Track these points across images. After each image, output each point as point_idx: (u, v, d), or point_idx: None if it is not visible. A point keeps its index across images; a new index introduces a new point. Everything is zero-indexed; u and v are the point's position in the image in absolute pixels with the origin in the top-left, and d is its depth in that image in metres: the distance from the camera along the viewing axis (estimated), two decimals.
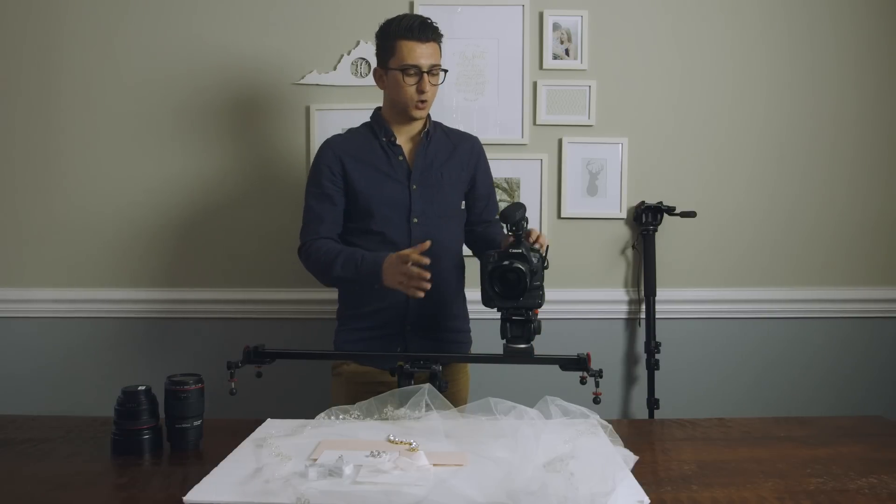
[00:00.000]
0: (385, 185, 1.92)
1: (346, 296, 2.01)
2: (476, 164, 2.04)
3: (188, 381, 1.45)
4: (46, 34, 2.47)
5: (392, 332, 1.92)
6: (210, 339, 2.49)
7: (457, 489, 1.13)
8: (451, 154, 2.00)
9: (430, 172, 1.95)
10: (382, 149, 1.95)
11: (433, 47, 1.89)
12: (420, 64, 1.87)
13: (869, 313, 2.58)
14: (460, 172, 2.00)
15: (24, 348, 2.52)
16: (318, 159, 1.97)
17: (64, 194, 2.51)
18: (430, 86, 1.89)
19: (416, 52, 1.86)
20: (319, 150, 1.99)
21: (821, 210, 2.57)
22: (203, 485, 1.20)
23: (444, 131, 2.05)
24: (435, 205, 1.94)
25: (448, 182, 1.97)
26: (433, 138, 1.99)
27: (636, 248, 2.55)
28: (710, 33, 2.52)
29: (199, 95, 2.49)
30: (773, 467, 1.35)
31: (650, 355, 2.49)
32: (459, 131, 2.09)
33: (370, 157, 1.94)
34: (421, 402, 1.47)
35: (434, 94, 1.93)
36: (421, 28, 1.88)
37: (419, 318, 1.92)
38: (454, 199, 2.00)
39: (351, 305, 1.98)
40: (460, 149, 2.02)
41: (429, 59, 1.88)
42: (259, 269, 2.52)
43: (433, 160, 1.97)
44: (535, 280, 1.59)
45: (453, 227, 2.01)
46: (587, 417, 1.44)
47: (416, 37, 1.87)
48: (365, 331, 1.94)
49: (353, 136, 2.01)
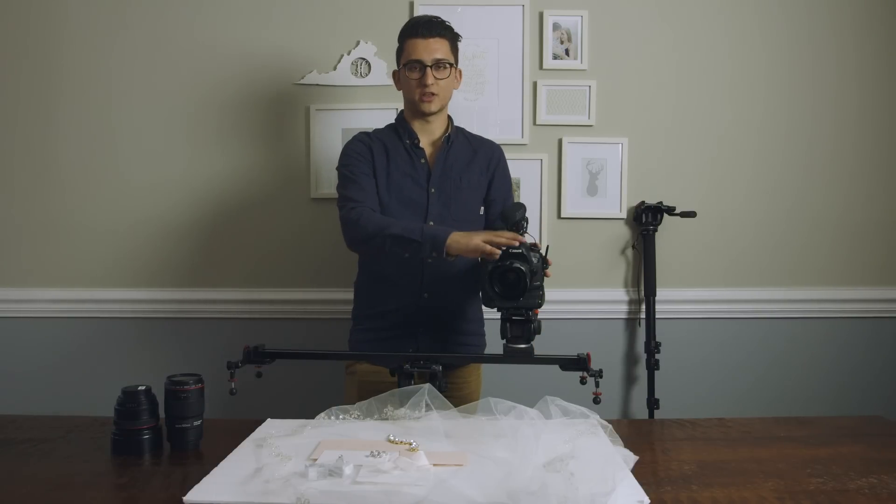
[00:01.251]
0: (405, 186, 1.94)
1: (361, 295, 2.03)
2: (495, 169, 2.04)
3: (188, 381, 1.45)
4: (47, 35, 2.47)
5: (404, 332, 1.93)
6: (210, 339, 2.49)
7: (457, 489, 1.13)
8: (472, 159, 2.01)
9: (450, 177, 1.97)
10: (406, 151, 1.98)
11: (438, 42, 1.92)
12: (422, 58, 1.90)
13: (869, 313, 2.58)
14: (479, 178, 2.01)
15: (24, 348, 2.52)
16: (350, 148, 1.98)
17: (64, 194, 2.51)
18: (433, 79, 1.90)
19: (419, 48, 1.90)
20: (349, 142, 2.00)
21: (821, 210, 2.57)
22: (203, 485, 1.20)
23: (467, 137, 2.06)
24: (452, 209, 1.95)
25: (467, 187, 1.98)
26: (454, 143, 2.01)
27: (636, 248, 2.55)
28: (710, 33, 2.52)
29: (198, 95, 2.49)
30: (773, 467, 1.35)
31: (650, 355, 2.49)
32: (481, 138, 2.10)
33: (395, 157, 1.97)
34: (421, 402, 1.47)
35: (445, 89, 1.95)
36: (425, 25, 1.92)
37: (432, 320, 1.94)
38: (472, 204, 2.01)
39: (365, 305, 2.01)
40: (480, 154, 2.03)
41: (431, 54, 1.90)
42: (259, 269, 2.52)
43: (453, 164, 1.98)
44: (535, 280, 1.59)
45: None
46: (587, 417, 1.44)
47: (419, 34, 1.91)
48: (378, 331, 1.96)
49: (379, 135, 2.02)
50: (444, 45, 1.93)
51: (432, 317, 1.94)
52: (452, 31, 1.98)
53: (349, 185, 1.92)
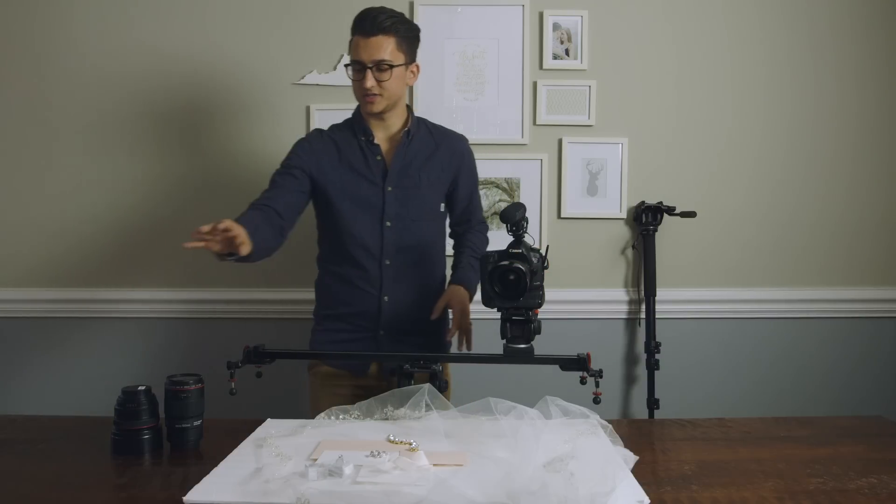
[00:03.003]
0: (360, 187, 1.87)
1: (321, 295, 1.98)
2: (459, 164, 1.96)
3: (188, 381, 1.45)
4: (48, 36, 2.48)
5: (365, 335, 1.90)
6: (210, 339, 2.49)
7: (457, 489, 1.13)
8: (433, 154, 1.92)
9: (408, 174, 1.89)
10: (360, 148, 1.89)
11: (380, 40, 1.78)
12: (361, 59, 1.79)
13: (869, 313, 2.58)
14: (440, 173, 1.93)
15: (24, 348, 2.52)
16: (294, 146, 1.92)
17: (64, 194, 2.51)
18: (373, 81, 1.79)
19: (359, 47, 1.80)
20: (297, 143, 1.93)
21: (821, 210, 2.57)
22: (203, 485, 1.20)
23: (429, 129, 1.97)
24: (410, 207, 1.88)
25: (426, 184, 1.90)
26: (415, 138, 1.92)
27: (636, 248, 2.55)
28: (710, 33, 2.52)
29: (199, 95, 2.49)
30: (773, 467, 1.35)
31: (650, 355, 2.49)
32: (445, 130, 2.00)
33: (348, 157, 1.89)
34: (421, 402, 1.47)
35: (391, 89, 1.82)
36: (369, 21, 1.79)
37: (393, 321, 1.89)
38: (432, 202, 1.93)
39: (325, 306, 1.96)
40: (443, 148, 1.94)
41: (371, 55, 1.78)
42: (259, 270, 2.51)
43: (412, 161, 1.90)
44: (535, 280, 1.59)
45: (431, 230, 1.95)
46: (587, 417, 1.44)
47: (361, 31, 1.79)
48: (339, 332, 1.91)
49: (334, 132, 1.94)
50: (389, 43, 1.79)
51: (392, 319, 1.88)
52: (404, 25, 1.82)
53: (270, 183, 1.86)
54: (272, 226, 1.77)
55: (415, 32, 1.89)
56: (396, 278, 1.88)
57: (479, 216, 2.08)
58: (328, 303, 1.95)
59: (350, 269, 1.89)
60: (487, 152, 2.48)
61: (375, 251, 1.87)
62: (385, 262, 1.87)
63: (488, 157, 2.48)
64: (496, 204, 2.52)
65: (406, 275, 1.90)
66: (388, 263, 1.87)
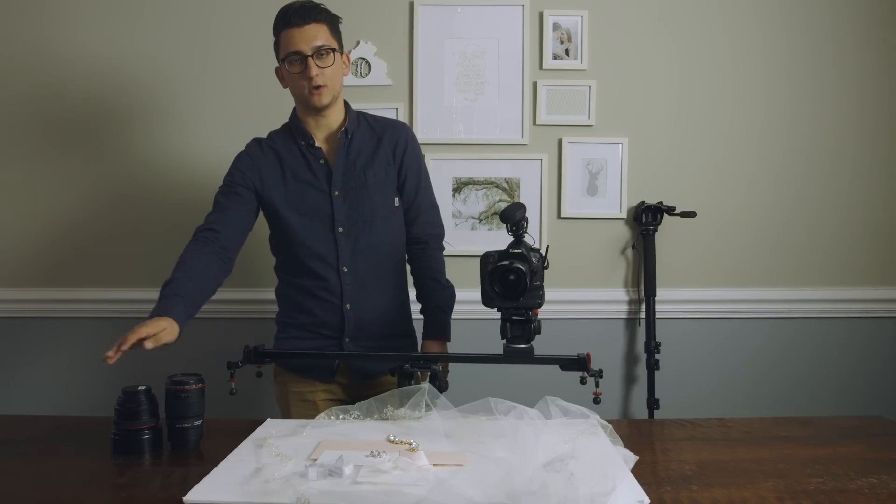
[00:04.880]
0: (306, 195, 1.81)
1: (283, 303, 1.92)
2: (402, 153, 1.87)
3: (188, 381, 1.45)
4: (47, 36, 2.48)
5: (330, 343, 1.84)
6: (210, 339, 2.49)
7: (457, 489, 1.13)
8: (376, 149, 1.85)
9: (353, 174, 1.82)
10: (302, 153, 1.83)
11: (316, 28, 1.74)
12: (300, 49, 1.73)
13: (869, 313, 2.58)
14: (387, 167, 1.85)
15: (24, 348, 2.52)
16: (234, 161, 1.86)
17: (65, 194, 2.51)
18: (317, 69, 1.74)
19: (295, 38, 1.74)
20: (237, 157, 1.86)
21: (821, 210, 2.57)
22: (203, 485, 1.20)
23: (369, 122, 1.89)
24: (360, 209, 1.81)
25: (374, 182, 1.83)
26: (355, 135, 1.85)
27: (636, 248, 2.55)
28: (710, 33, 2.52)
29: (199, 95, 2.49)
30: (773, 467, 1.35)
31: (650, 355, 2.49)
32: (386, 119, 1.92)
33: (290, 165, 1.83)
34: (421, 402, 1.47)
35: (333, 78, 1.78)
36: (298, 13, 1.75)
37: (358, 329, 1.84)
38: (383, 199, 1.85)
39: (287, 314, 1.90)
40: (385, 140, 1.86)
41: (310, 42, 1.73)
42: (259, 270, 2.51)
43: (355, 160, 1.83)
44: (535, 280, 1.59)
45: (386, 229, 1.87)
46: (587, 417, 1.44)
47: (293, 23, 1.74)
48: (303, 339, 1.86)
49: (273, 140, 1.88)
50: (323, 30, 1.76)
51: (357, 326, 1.83)
52: (330, 14, 1.80)
53: (214, 204, 1.81)
54: (215, 264, 1.74)
55: (339, 21, 1.85)
56: (357, 285, 1.83)
57: (431, 217, 1.95)
58: (290, 312, 1.89)
59: (308, 281, 1.83)
60: (487, 152, 2.49)
61: (331, 259, 1.81)
62: (343, 269, 1.82)
63: (488, 156, 2.49)
64: (496, 204, 2.52)
65: (367, 279, 1.83)
66: (346, 270, 1.82)
